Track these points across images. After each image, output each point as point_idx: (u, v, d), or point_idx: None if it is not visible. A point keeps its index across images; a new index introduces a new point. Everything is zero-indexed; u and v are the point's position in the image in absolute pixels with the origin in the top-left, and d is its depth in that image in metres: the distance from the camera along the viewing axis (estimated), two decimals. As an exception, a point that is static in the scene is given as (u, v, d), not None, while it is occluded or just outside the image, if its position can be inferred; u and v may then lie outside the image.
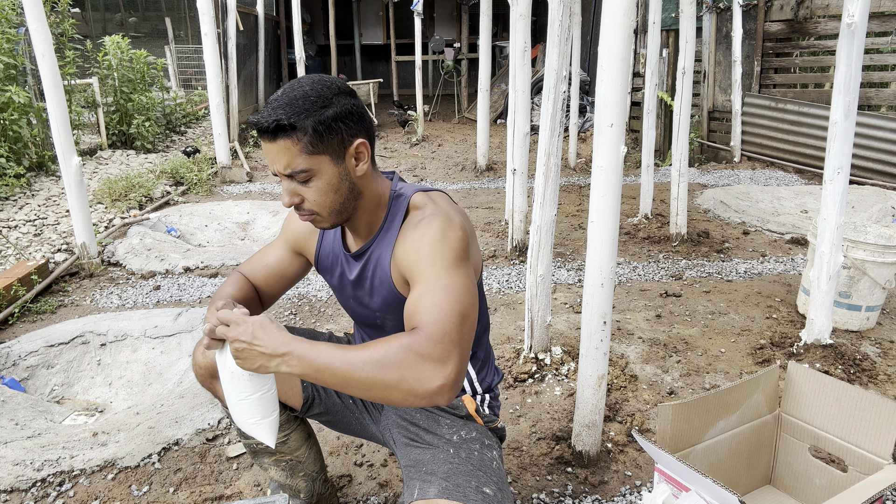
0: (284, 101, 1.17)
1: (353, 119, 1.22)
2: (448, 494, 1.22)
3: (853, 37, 2.27)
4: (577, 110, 6.74)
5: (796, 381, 1.74)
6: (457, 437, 1.40)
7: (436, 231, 1.20)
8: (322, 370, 1.06)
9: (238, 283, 1.46)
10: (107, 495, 1.89)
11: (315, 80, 1.21)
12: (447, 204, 1.29)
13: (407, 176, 6.64)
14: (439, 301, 1.11)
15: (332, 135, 1.19)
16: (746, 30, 6.53)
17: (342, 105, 1.20)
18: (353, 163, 1.24)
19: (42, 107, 5.29)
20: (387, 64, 13.02)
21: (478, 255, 1.36)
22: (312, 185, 1.21)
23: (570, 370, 2.53)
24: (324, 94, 1.18)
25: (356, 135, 1.22)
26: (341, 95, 1.21)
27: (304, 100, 1.17)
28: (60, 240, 4.18)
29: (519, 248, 3.96)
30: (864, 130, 5.63)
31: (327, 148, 1.19)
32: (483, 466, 1.33)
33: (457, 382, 1.07)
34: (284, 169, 1.19)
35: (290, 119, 1.15)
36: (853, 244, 2.81)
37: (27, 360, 2.68)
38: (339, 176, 1.22)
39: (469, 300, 1.14)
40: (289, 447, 1.61)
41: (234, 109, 7.47)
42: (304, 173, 1.19)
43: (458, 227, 1.22)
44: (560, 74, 2.37)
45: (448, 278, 1.15)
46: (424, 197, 1.30)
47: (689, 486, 1.42)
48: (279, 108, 1.16)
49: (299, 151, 1.17)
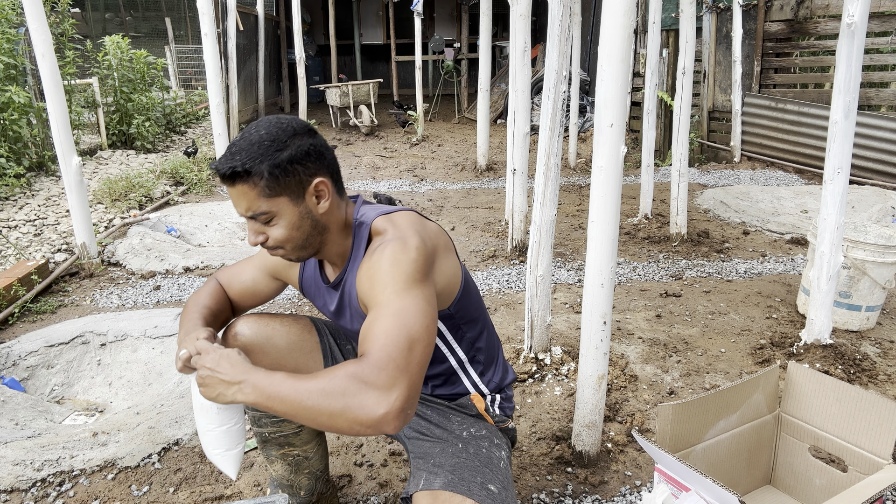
0: (241, 146, 1.20)
1: (311, 159, 1.24)
2: (452, 487, 1.25)
3: (853, 37, 2.27)
4: (577, 110, 6.74)
5: (796, 381, 1.74)
6: (466, 434, 1.43)
7: (388, 256, 1.19)
8: (273, 398, 1.07)
9: (214, 293, 1.51)
10: (107, 495, 1.89)
11: (271, 123, 1.23)
12: (408, 225, 1.27)
13: (407, 176, 6.65)
14: (387, 327, 1.09)
15: (289, 177, 1.21)
16: (746, 30, 6.53)
17: (298, 147, 1.22)
18: (313, 201, 1.26)
19: (42, 107, 5.29)
20: (387, 64, 13.03)
21: (451, 268, 1.35)
22: (275, 224, 1.25)
23: (570, 370, 2.53)
24: (278, 138, 1.21)
25: (315, 174, 1.25)
26: (297, 137, 1.23)
27: (258, 145, 1.19)
28: (60, 240, 4.18)
29: (519, 248, 3.96)
30: (864, 130, 5.62)
31: (285, 190, 1.22)
32: (490, 464, 1.35)
33: (403, 410, 1.04)
34: (246, 212, 1.23)
35: (244, 165, 1.18)
36: (853, 244, 2.81)
37: (27, 360, 2.68)
38: (301, 215, 1.25)
39: (421, 323, 1.11)
40: (301, 439, 1.63)
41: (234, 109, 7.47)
42: (265, 215, 1.23)
43: (412, 249, 1.20)
44: (560, 74, 2.37)
45: (398, 303, 1.13)
46: (385, 221, 1.29)
47: (689, 486, 1.42)
48: (236, 154, 1.19)
49: (257, 195, 1.20)
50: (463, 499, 1.23)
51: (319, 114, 10.06)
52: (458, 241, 4.37)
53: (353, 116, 9.12)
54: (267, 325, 1.51)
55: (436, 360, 1.46)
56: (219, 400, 1.14)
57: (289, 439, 1.62)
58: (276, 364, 1.52)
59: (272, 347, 1.51)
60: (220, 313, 1.49)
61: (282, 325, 1.54)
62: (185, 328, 1.35)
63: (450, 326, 1.43)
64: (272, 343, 1.50)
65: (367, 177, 6.63)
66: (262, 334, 1.49)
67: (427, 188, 6.10)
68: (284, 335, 1.52)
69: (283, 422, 1.59)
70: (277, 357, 1.51)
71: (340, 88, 9.01)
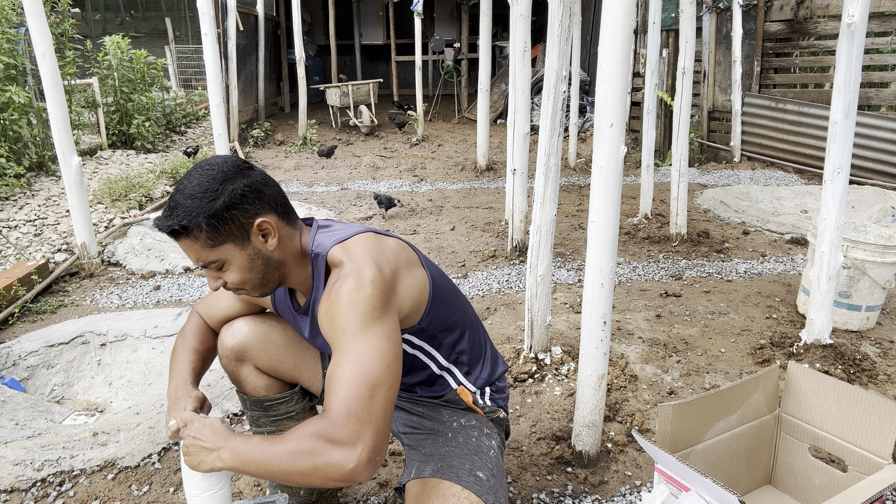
0: (177, 200, 1.19)
1: (248, 200, 1.21)
2: (441, 474, 1.28)
3: (853, 37, 2.27)
4: (577, 110, 6.74)
5: (796, 381, 1.74)
6: (456, 424, 1.46)
7: (344, 296, 1.17)
8: (248, 462, 1.11)
9: (198, 331, 1.54)
10: (107, 495, 1.89)
11: (202, 171, 1.21)
12: (364, 253, 1.23)
13: (407, 176, 6.65)
14: (346, 377, 1.10)
15: (229, 224, 1.19)
16: (746, 30, 6.53)
17: (231, 192, 1.19)
18: (260, 241, 1.24)
19: (42, 107, 5.29)
20: (387, 64, 13.02)
21: (417, 284, 1.31)
22: (227, 269, 1.25)
23: (570, 370, 2.53)
24: (209, 187, 1.18)
25: (255, 214, 1.22)
26: (229, 181, 1.20)
27: (192, 197, 1.17)
28: (60, 240, 4.18)
29: (519, 248, 3.96)
30: (864, 130, 5.62)
31: (228, 237, 1.20)
32: (479, 452, 1.37)
33: (371, 459, 1.06)
34: (196, 262, 1.24)
35: (181, 222, 1.17)
36: (853, 244, 2.81)
37: (27, 360, 2.68)
38: (250, 257, 1.24)
39: (381, 365, 1.11)
40: None
41: (234, 109, 7.47)
42: (215, 263, 1.23)
43: (367, 284, 1.17)
44: (560, 74, 2.37)
45: (357, 347, 1.12)
46: (340, 251, 1.25)
47: (689, 486, 1.42)
48: (174, 210, 1.18)
49: (202, 247, 1.20)
50: (451, 484, 1.26)
51: (319, 114, 10.06)
52: (458, 241, 4.38)
53: (353, 116, 9.12)
54: (264, 322, 1.53)
55: (416, 367, 1.47)
56: (201, 468, 1.19)
57: None
58: (274, 360, 1.53)
59: (270, 343, 1.51)
60: (207, 351, 1.53)
61: (279, 322, 1.55)
62: (175, 391, 1.38)
63: (424, 338, 1.42)
64: (270, 339, 1.51)
65: (367, 177, 6.63)
66: (260, 331, 1.51)
67: (427, 188, 6.10)
68: (281, 331, 1.53)
69: (281, 420, 1.59)
70: (275, 353, 1.52)
71: (340, 88, 9.01)
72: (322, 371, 1.57)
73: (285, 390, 1.58)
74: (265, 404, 1.57)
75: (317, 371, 1.57)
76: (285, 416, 1.59)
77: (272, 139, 8.36)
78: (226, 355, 1.52)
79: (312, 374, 1.57)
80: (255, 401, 1.57)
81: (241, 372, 1.53)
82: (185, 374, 1.43)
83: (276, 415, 1.58)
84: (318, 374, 1.57)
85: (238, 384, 1.56)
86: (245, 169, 1.24)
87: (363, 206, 5.33)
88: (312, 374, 1.57)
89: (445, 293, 1.42)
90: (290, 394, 1.58)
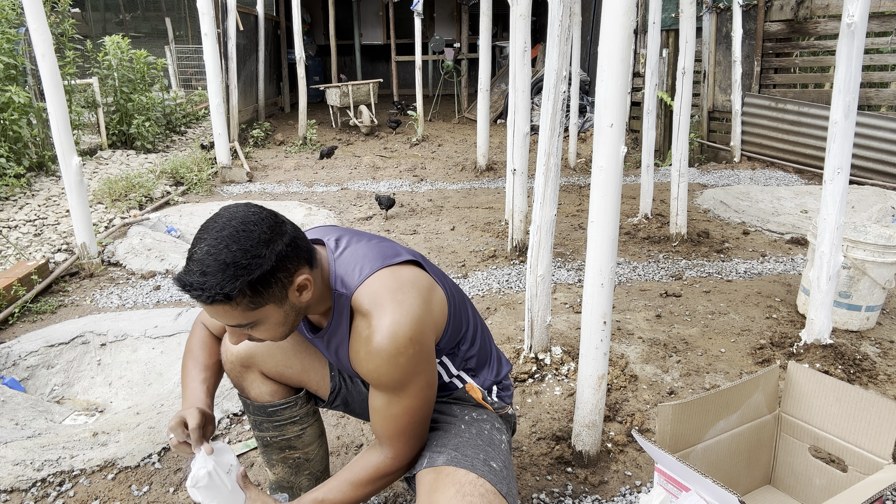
0: (211, 266, 1.08)
1: (290, 259, 1.15)
2: (456, 462, 1.28)
3: (853, 37, 2.27)
4: (577, 110, 6.74)
5: (796, 381, 1.74)
6: (468, 417, 1.45)
7: (383, 359, 1.17)
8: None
9: (205, 344, 1.53)
10: (107, 495, 1.89)
11: (239, 233, 1.10)
12: (393, 306, 1.19)
13: (407, 176, 6.64)
14: (397, 428, 1.28)
15: (272, 287, 1.14)
16: (746, 30, 6.53)
17: (275, 253, 1.12)
18: (296, 295, 1.19)
19: (42, 107, 5.29)
20: (387, 64, 13.03)
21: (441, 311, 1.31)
22: (259, 327, 1.20)
23: (570, 370, 2.53)
24: (252, 252, 1.10)
25: (295, 272, 1.17)
26: (269, 244, 1.12)
27: (234, 266, 1.08)
28: (60, 240, 4.18)
29: (519, 248, 3.96)
30: (864, 130, 5.62)
31: (269, 299, 1.15)
32: (492, 444, 1.38)
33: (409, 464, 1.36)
34: (227, 323, 1.17)
35: (224, 290, 1.08)
36: (853, 244, 2.81)
37: (27, 360, 2.68)
38: (286, 313, 1.20)
39: (425, 407, 1.29)
40: (303, 441, 1.63)
41: (235, 109, 7.47)
42: (249, 325, 1.18)
43: (406, 344, 1.17)
44: (560, 74, 2.37)
45: (406, 401, 1.25)
46: (368, 300, 1.21)
47: (689, 486, 1.42)
48: (211, 277, 1.07)
49: (241, 312, 1.13)
50: (466, 472, 1.26)
51: (319, 114, 10.06)
52: (458, 240, 4.38)
53: (353, 116, 9.12)
54: None
55: None
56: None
57: (290, 442, 1.62)
58: (282, 365, 1.51)
59: (278, 349, 1.50)
60: (217, 365, 1.53)
61: None
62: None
63: (438, 353, 1.41)
64: (278, 344, 1.50)
65: (367, 177, 6.63)
66: None
67: (427, 188, 6.10)
68: (290, 336, 1.52)
69: (284, 426, 1.59)
70: (283, 358, 1.51)
71: (340, 88, 9.01)
72: (330, 373, 1.56)
73: (290, 395, 1.57)
74: (269, 410, 1.55)
75: (324, 374, 1.56)
76: (289, 420, 1.58)
77: (272, 139, 8.36)
78: (230, 361, 1.50)
79: (320, 378, 1.56)
80: (258, 406, 1.55)
81: (245, 378, 1.52)
82: (198, 392, 1.43)
83: (280, 420, 1.57)
84: (325, 378, 1.56)
85: (241, 390, 1.55)
86: (279, 224, 1.16)
87: (363, 206, 5.33)
88: (320, 378, 1.56)
89: (458, 306, 1.41)
90: (296, 399, 1.57)
